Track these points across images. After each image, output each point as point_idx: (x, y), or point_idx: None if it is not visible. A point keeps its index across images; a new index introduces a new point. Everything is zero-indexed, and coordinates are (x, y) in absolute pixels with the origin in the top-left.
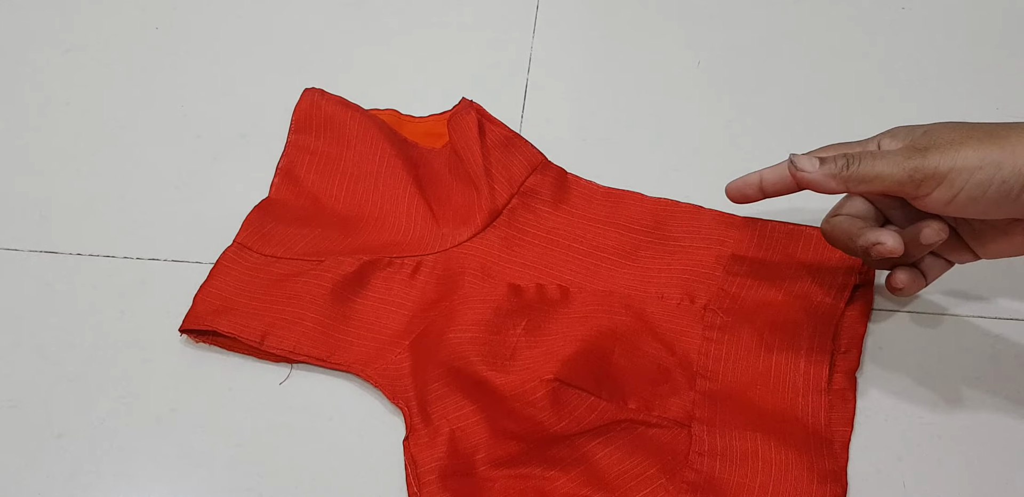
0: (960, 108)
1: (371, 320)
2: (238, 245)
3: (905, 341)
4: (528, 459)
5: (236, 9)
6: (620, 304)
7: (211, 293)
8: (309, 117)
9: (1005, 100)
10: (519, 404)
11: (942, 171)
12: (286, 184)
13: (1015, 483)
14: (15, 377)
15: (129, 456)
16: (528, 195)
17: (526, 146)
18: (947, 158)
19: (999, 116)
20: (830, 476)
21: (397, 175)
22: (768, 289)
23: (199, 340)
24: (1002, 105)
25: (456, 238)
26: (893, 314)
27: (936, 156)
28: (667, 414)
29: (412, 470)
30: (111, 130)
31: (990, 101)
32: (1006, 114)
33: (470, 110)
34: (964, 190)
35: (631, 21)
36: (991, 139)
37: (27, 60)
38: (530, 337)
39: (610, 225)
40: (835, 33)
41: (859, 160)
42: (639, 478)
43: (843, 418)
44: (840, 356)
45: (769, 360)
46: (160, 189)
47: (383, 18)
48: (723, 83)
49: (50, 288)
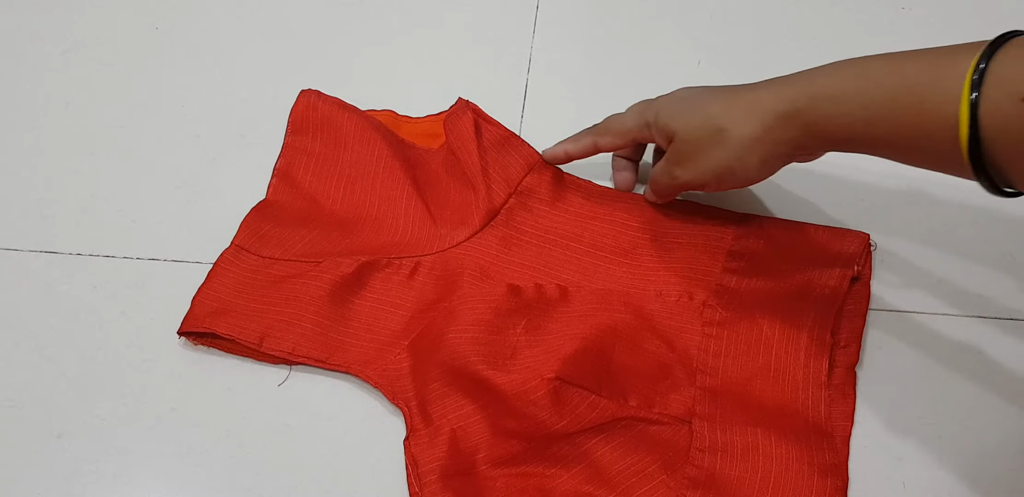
0: None
1: (370, 321)
2: (236, 247)
3: (905, 341)
4: (529, 457)
5: (236, 9)
6: (619, 302)
7: (209, 295)
8: (306, 119)
9: None
10: (520, 403)
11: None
12: (283, 186)
13: (1015, 483)
14: (15, 377)
15: (129, 456)
16: (525, 194)
17: (523, 145)
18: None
19: None
20: (831, 470)
21: (394, 176)
22: (766, 284)
23: (198, 342)
24: None
25: (454, 238)
26: (893, 314)
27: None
28: (668, 411)
29: (413, 470)
30: (111, 130)
31: None
32: None
33: (466, 110)
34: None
35: (631, 21)
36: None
37: (27, 60)
38: (530, 336)
39: (608, 223)
40: (835, 33)
41: (601, 121)
42: (640, 475)
43: (843, 413)
44: (839, 351)
45: (769, 355)
46: (160, 189)
47: (383, 18)
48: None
49: (50, 288)
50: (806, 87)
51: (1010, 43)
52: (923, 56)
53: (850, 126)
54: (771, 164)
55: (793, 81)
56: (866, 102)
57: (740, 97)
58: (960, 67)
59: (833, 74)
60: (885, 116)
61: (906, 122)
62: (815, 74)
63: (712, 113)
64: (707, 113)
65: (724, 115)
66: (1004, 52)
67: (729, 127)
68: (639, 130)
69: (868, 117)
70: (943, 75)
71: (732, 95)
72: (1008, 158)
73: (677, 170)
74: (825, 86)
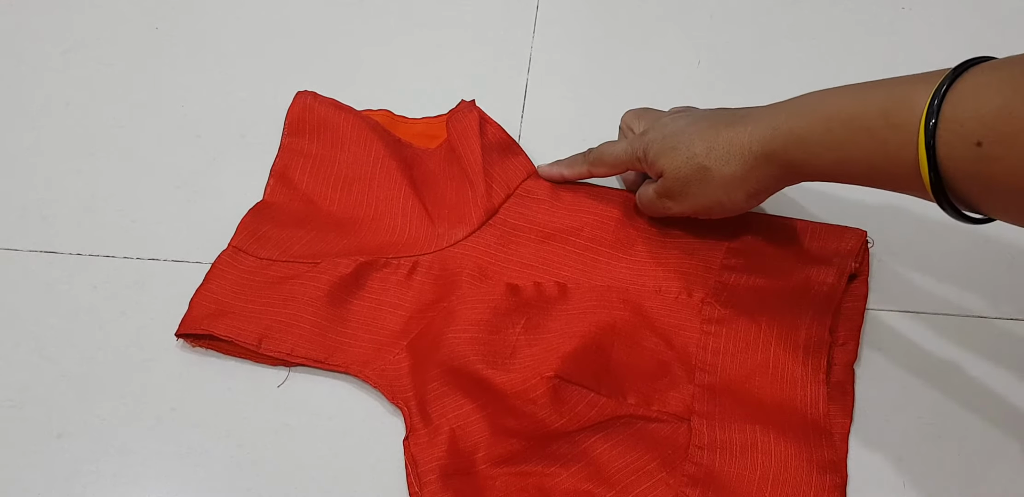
0: None
1: (368, 321)
2: (233, 248)
3: (905, 341)
4: (529, 456)
5: (236, 9)
6: (618, 299)
7: (207, 297)
8: (302, 120)
9: None
10: (520, 402)
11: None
12: (280, 187)
13: (1015, 483)
14: (15, 377)
15: (129, 456)
16: (523, 196)
17: (522, 154)
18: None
19: None
20: (830, 466)
21: (391, 176)
22: (765, 281)
23: (196, 344)
24: None
25: (452, 237)
26: (893, 314)
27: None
28: (666, 408)
29: (413, 470)
30: (111, 130)
31: None
32: None
33: (471, 110)
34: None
35: (631, 21)
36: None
37: (27, 60)
38: (529, 335)
39: (607, 218)
40: (835, 33)
41: (595, 149)
42: (639, 472)
43: (842, 410)
44: (838, 349)
45: (767, 352)
46: (160, 189)
47: (383, 18)
48: (723, 83)
49: (50, 288)
50: (778, 127)
51: (965, 76)
52: (883, 91)
53: (823, 166)
54: (758, 196)
55: (767, 119)
56: (832, 144)
57: (720, 135)
58: (918, 107)
59: (803, 114)
60: (853, 158)
61: (873, 164)
62: (786, 113)
63: (696, 153)
64: (691, 152)
65: (707, 155)
66: (958, 89)
67: (712, 167)
68: (631, 162)
69: (838, 158)
70: (903, 117)
71: (713, 133)
72: (975, 195)
73: (668, 203)
74: (794, 129)
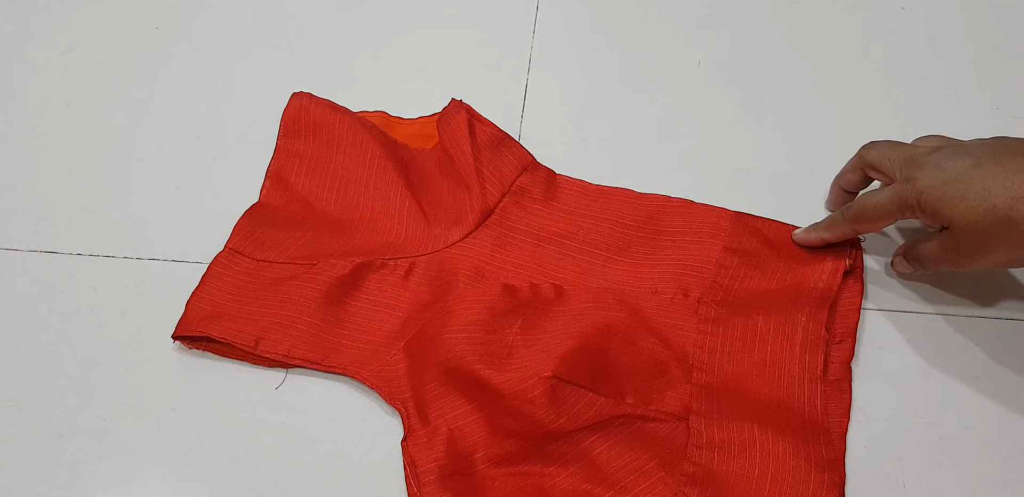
0: (960, 108)
1: (365, 322)
2: (229, 250)
3: (905, 341)
4: (527, 456)
5: (236, 9)
6: (614, 300)
7: (203, 299)
8: (298, 121)
9: (1005, 100)
10: (517, 402)
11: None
12: (276, 188)
13: (1015, 483)
14: (15, 377)
15: (129, 456)
16: (519, 194)
17: (516, 146)
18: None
19: (998, 116)
20: (828, 465)
21: (388, 177)
22: (760, 280)
23: (193, 346)
24: (1002, 105)
25: (448, 238)
26: (893, 314)
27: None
28: (664, 408)
29: (411, 470)
30: (111, 130)
31: (990, 101)
32: (1006, 114)
33: (460, 110)
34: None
35: (631, 21)
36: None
37: (27, 60)
38: (526, 335)
39: (602, 221)
40: (835, 33)
41: (854, 204)
42: (638, 472)
43: (839, 408)
44: (835, 347)
45: (764, 350)
46: (160, 189)
47: (383, 18)
48: (723, 83)
49: (50, 288)
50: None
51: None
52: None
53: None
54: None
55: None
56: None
57: (1018, 174)
58: None
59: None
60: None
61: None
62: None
63: (995, 204)
64: (989, 204)
65: (1012, 206)
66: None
67: (1019, 219)
68: (900, 213)
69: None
70: None
71: (1010, 171)
72: None
73: (962, 260)
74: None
